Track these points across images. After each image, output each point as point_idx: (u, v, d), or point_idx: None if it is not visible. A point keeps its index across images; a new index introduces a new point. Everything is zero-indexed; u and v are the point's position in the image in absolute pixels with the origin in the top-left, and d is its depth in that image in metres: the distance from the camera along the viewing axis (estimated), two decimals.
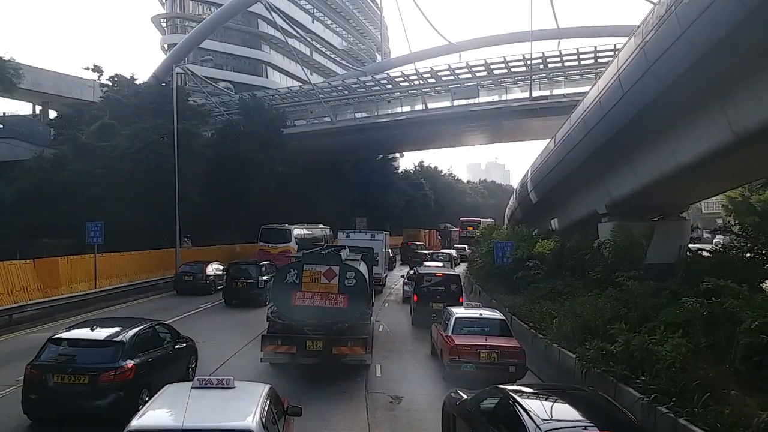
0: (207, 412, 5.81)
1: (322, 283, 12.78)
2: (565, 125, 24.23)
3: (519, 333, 16.23)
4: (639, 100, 16.01)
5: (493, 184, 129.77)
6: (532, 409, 6.70)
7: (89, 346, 9.67)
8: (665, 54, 13.56)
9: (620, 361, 10.15)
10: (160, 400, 6.27)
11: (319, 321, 12.71)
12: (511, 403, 7.00)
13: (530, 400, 7.10)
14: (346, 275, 12.86)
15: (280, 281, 13.22)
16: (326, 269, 12.89)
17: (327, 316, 12.69)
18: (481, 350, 12.17)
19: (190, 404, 5.76)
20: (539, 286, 18.76)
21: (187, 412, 5.51)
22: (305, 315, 12.73)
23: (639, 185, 20.18)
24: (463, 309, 14.78)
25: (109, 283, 25.82)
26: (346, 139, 46.33)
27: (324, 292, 12.76)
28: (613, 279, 15.52)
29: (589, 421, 6.47)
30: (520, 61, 41.34)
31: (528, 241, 23.75)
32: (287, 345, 12.84)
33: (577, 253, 20.07)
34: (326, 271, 12.85)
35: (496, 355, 12.18)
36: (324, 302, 12.73)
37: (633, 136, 18.26)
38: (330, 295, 12.76)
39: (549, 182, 28.33)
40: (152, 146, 31.49)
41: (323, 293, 12.76)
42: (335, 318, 12.73)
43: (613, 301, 14.14)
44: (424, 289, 20.26)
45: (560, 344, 13.01)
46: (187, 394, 6.03)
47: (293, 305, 12.79)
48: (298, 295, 12.77)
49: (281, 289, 13.06)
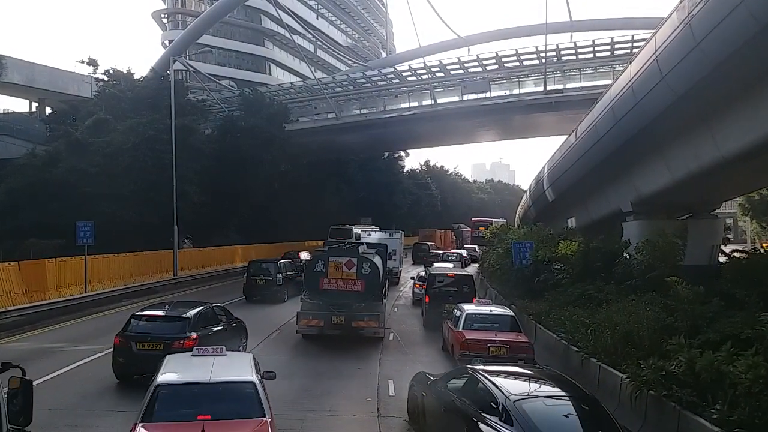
0: (218, 371, 7.39)
1: (343, 271, 16.15)
2: (588, 116, 22.60)
3: (547, 344, 14.63)
4: (680, 84, 14.36)
5: (500, 184, 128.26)
6: (500, 384, 7.60)
7: (163, 321, 12.27)
8: (719, 27, 11.91)
9: (684, 384, 8.51)
10: (171, 365, 7.74)
11: (341, 301, 16.01)
12: (481, 380, 7.93)
13: (498, 378, 7.92)
14: (363, 265, 16.25)
15: (310, 270, 16.87)
16: (347, 260, 16.34)
17: (348, 297, 16.00)
18: (491, 345, 12.44)
19: (202, 366, 7.49)
20: (566, 290, 17.10)
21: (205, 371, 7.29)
22: (330, 296, 16.09)
23: (672, 180, 18.54)
24: (474, 305, 15.03)
25: (102, 286, 24.30)
26: (351, 136, 44.81)
27: (345, 279, 16.13)
28: (654, 283, 13.90)
29: (552, 392, 7.61)
30: (532, 53, 39.76)
31: (549, 241, 22.10)
32: (317, 320, 16.14)
33: (604, 255, 18.42)
34: (347, 262, 16.28)
35: (506, 349, 12.49)
36: (345, 286, 16.11)
37: (669, 125, 16.62)
38: (350, 281, 16.13)
39: (568, 178, 26.71)
40: (149, 142, 30.06)
41: (345, 279, 16.14)
42: (354, 299, 16.02)
43: (656, 308, 12.52)
44: (436, 290, 19.76)
45: (601, 360, 11.35)
46: (191, 361, 7.80)
47: (321, 289, 16.21)
48: (324, 281, 16.19)
49: (311, 276, 16.60)
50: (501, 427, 6.82)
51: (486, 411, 7.21)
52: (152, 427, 6.46)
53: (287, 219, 44.71)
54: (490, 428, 6.94)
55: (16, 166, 30.68)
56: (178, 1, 70.03)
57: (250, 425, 6.60)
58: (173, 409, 6.74)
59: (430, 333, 18.07)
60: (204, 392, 7.02)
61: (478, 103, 40.31)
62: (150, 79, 37.65)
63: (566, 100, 36.38)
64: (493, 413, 7.07)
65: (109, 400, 11.03)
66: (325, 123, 45.67)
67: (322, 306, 16.17)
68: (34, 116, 45.77)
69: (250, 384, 7.11)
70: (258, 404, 6.86)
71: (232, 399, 7.01)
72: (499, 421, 6.90)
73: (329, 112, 45.84)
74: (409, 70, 44.66)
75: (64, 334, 17.58)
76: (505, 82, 41.69)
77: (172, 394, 7.03)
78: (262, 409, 6.82)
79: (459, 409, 7.86)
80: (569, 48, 39.16)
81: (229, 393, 7.10)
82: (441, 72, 43.44)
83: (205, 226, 37.01)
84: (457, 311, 14.51)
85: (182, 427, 6.50)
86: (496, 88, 41.28)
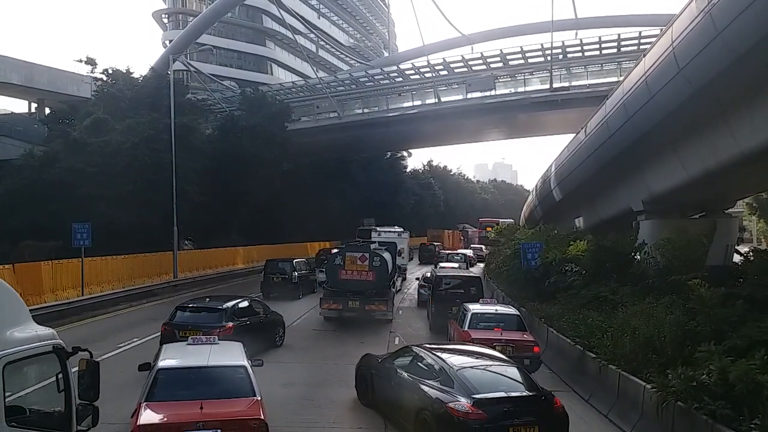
0: (213, 357, 8.16)
1: (358, 264, 19.29)
2: (598, 113, 21.98)
3: (560, 349, 14.02)
4: (699, 76, 13.75)
5: (503, 184, 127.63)
6: (441, 356, 9.27)
7: (203, 312, 13.70)
8: (742, 15, 11.29)
9: (717, 396, 7.88)
10: (170, 352, 8.62)
11: (356, 288, 19.03)
12: (424, 355, 9.58)
13: (437, 353, 9.57)
14: (374, 259, 19.44)
15: (331, 263, 20.13)
16: (361, 255, 19.57)
17: (361, 286, 19.04)
18: (497, 344, 12.35)
19: (199, 353, 8.29)
20: (578, 293, 16.44)
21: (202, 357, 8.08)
22: (347, 284, 19.13)
23: (687, 177, 17.91)
24: (479, 305, 14.99)
25: (101, 289, 23.67)
26: (354, 135, 44.17)
27: (359, 270, 19.22)
28: (673, 284, 13.26)
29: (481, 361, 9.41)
30: (537, 51, 39.15)
31: (559, 242, 21.44)
32: (336, 304, 19.09)
33: (617, 255, 17.76)
34: (360, 256, 19.47)
35: (512, 348, 12.44)
36: (359, 276, 19.18)
37: (685, 120, 16.02)
38: (363, 272, 19.20)
39: (577, 177, 26.08)
40: (148, 141, 29.47)
41: (359, 270, 19.22)
42: (367, 287, 19.06)
43: (677, 311, 11.89)
44: (443, 292, 19.46)
45: (620, 366, 10.72)
46: (187, 349, 8.60)
47: (339, 278, 19.28)
48: (342, 272, 19.28)
49: (331, 268, 19.80)
50: (443, 388, 8.41)
51: (429, 378, 8.87)
52: (155, 406, 7.30)
53: (289, 220, 44.13)
54: (433, 390, 8.51)
55: (14, 167, 30.12)
56: (178, 1, 69.51)
57: (243, 403, 7.47)
58: (174, 390, 7.55)
59: (437, 336, 17.58)
60: (201, 375, 7.86)
61: (483, 101, 39.68)
62: (149, 78, 37.05)
63: (573, 97, 35.73)
64: (435, 379, 8.72)
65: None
66: (327, 122, 45.06)
67: (341, 293, 19.20)
68: (34, 117, 45.21)
69: (242, 368, 7.98)
70: (249, 385, 7.69)
71: (226, 381, 7.84)
72: (441, 385, 8.51)
73: (331, 111, 45.22)
74: (413, 69, 44.02)
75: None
76: (510, 80, 41.05)
77: (173, 377, 7.82)
78: (253, 389, 7.65)
79: (406, 380, 9.38)
80: (575, 45, 38.54)
81: (224, 376, 7.96)
82: (444, 70, 42.82)
83: (205, 227, 36.43)
84: (463, 311, 14.55)
85: (183, 405, 7.30)
86: (501, 86, 40.64)
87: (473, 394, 8.00)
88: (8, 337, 4.79)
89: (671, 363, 10.28)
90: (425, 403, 8.50)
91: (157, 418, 7.10)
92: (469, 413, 7.79)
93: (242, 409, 7.34)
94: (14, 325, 4.98)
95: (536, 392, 8.42)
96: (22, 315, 5.27)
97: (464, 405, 7.89)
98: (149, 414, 7.14)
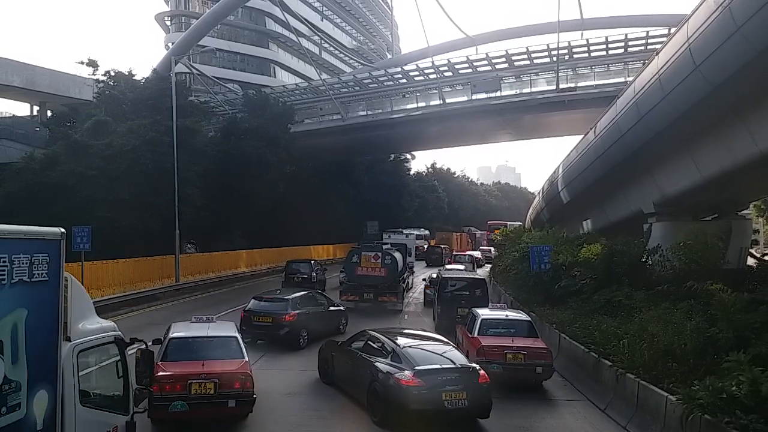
0: (212, 330, 10.50)
1: (372, 261, 22.49)
2: (608, 113, 21.51)
3: (573, 356, 13.52)
4: (716, 74, 13.29)
5: (507, 186, 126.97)
6: (391, 338, 11.09)
7: (273, 302, 16.29)
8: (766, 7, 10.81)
9: (749, 409, 7.40)
10: (178, 328, 10.64)
11: (370, 283, 22.18)
12: (377, 338, 11.24)
13: (388, 336, 11.33)
14: (385, 257, 22.64)
15: (348, 260, 23.41)
16: (374, 254, 22.84)
17: (375, 280, 22.24)
18: (508, 351, 12.34)
19: (201, 328, 10.61)
20: (590, 297, 15.94)
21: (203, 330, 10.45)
22: (362, 279, 22.34)
23: (701, 179, 17.44)
24: (489, 310, 14.78)
25: (101, 293, 23.17)
26: (357, 137, 43.71)
27: (373, 267, 22.41)
28: (689, 289, 12.77)
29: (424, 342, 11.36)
30: (543, 51, 38.66)
31: (568, 244, 20.95)
32: (353, 296, 22.25)
33: (629, 258, 17.28)
34: (374, 255, 22.72)
35: (523, 356, 12.33)
36: (373, 272, 22.34)
37: (701, 119, 15.56)
38: (376, 269, 22.38)
39: (585, 179, 25.60)
40: (149, 144, 29.01)
41: (372, 267, 22.40)
42: (379, 281, 22.25)
43: (696, 317, 11.41)
44: (448, 294, 19.71)
45: (639, 376, 10.23)
46: (191, 325, 10.81)
47: (356, 274, 22.53)
48: (358, 269, 22.51)
49: (349, 265, 23.08)
50: (393, 362, 10.14)
51: (381, 356, 10.58)
52: (168, 364, 9.39)
53: (292, 223, 43.66)
54: (385, 365, 10.19)
55: (14, 170, 29.72)
56: (181, 4, 69.26)
57: (235, 363, 9.68)
58: (182, 353, 9.70)
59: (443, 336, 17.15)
60: (203, 343, 9.95)
61: (488, 102, 39.20)
62: (151, 80, 36.64)
63: (580, 98, 35.23)
64: (386, 357, 10.46)
65: None
66: (330, 124, 44.62)
67: (357, 286, 22.35)
68: (36, 120, 44.94)
69: (234, 338, 10.38)
70: (239, 351, 10.06)
71: (221, 347, 9.99)
72: (390, 360, 10.26)
73: (335, 113, 44.78)
74: (417, 70, 43.59)
75: None
76: (515, 81, 40.56)
77: (181, 344, 9.91)
78: (242, 353, 10.00)
79: (362, 358, 10.98)
80: (582, 45, 38.06)
81: (220, 343, 10.13)
82: (449, 71, 42.37)
83: (208, 231, 35.99)
84: (472, 316, 14.33)
85: (189, 363, 9.43)
86: (507, 87, 40.14)
87: (415, 367, 9.75)
88: (81, 329, 5.43)
89: (693, 372, 9.83)
90: (377, 375, 10.17)
91: (171, 371, 9.17)
92: (410, 382, 9.55)
93: (234, 368, 9.50)
94: (85, 318, 5.65)
95: (465, 365, 10.18)
96: (90, 308, 6.03)
97: (407, 375, 9.64)
98: (164, 369, 9.20)
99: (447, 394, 9.49)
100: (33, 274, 4.55)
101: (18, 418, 4.33)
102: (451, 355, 10.51)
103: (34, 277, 4.56)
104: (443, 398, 9.46)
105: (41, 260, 4.63)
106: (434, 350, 10.72)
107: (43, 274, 4.67)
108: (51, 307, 4.80)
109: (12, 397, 4.29)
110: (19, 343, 4.37)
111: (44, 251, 4.69)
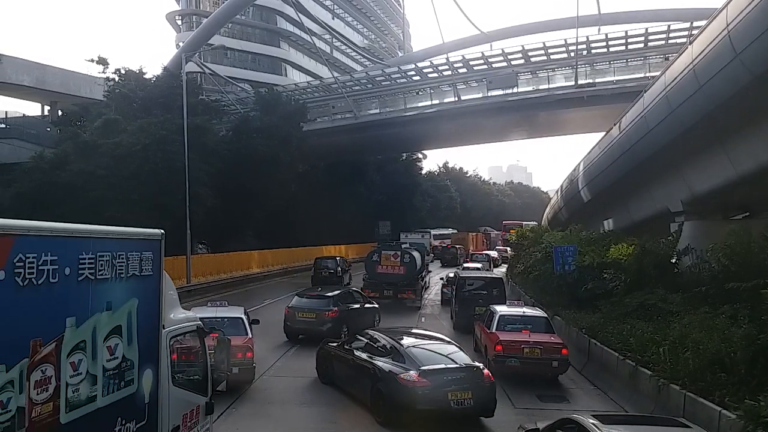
0: (221, 312, 12.65)
1: (391, 260, 23.42)
2: (635, 107, 20.61)
3: (605, 364, 12.73)
4: (759, 61, 12.38)
5: (520, 186, 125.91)
6: (393, 337, 11.13)
7: (315, 299, 17.10)
8: None
9: None
10: (197, 310, 11.26)
11: (390, 280, 23.05)
12: (377, 337, 11.33)
13: (389, 335, 11.41)
14: (404, 256, 23.68)
15: (369, 259, 24.40)
16: (393, 253, 23.97)
17: (394, 278, 23.13)
18: (525, 346, 12.68)
19: (214, 310, 12.70)
20: (621, 300, 15.09)
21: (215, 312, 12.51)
22: (383, 277, 23.21)
23: (735, 175, 16.41)
24: (506, 307, 15.14)
25: None
26: (370, 135, 43.06)
27: (392, 265, 23.32)
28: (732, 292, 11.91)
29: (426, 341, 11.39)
30: (561, 47, 37.80)
31: (596, 244, 20.08)
32: (374, 292, 22.27)
33: (660, 259, 16.41)
34: (393, 254, 23.80)
35: (540, 350, 12.66)
36: (393, 270, 23.26)
37: (738, 111, 14.60)
38: (396, 267, 23.30)
39: (608, 176, 24.67)
40: (160, 143, 28.54)
41: (392, 265, 23.31)
42: (399, 279, 23.14)
43: (744, 323, 10.55)
44: (465, 293, 20.20)
45: (685, 387, 9.42)
46: (206, 309, 12.91)
47: (376, 272, 23.47)
48: (378, 267, 23.49)
49: (370, 264, 23.97)
50: (395, 363, 10.08)
51: (382, 356, 10.52)
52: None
53: (304, 222, 43.07)
54: (387, 365, 10.13)
55: (24, 170, 29.42)
56: (192, 3, 68.96)
57: (240, 339, 11.33)
58: None
59: (461, 336, 16.89)
60: (213, 322, 10.26)
61: (505, 99, 38.41)
62: (162, 78, 36.19)
63: (599, 94, 34.33)
64: (388, 356, 10.41)
65: None
66: (342, 123, 44.01)
67: (378, 284, 23.13)
68: (46, 119, 44.72)
69: (240, 319, 12.39)
70: (244, 328, 12.12)
71: (229, 326, 11.26)
72: (392, 360, 10.20)
73: (347, 111, 44.17)
74: (431, 66, 42.83)
75: None
76: (532, 78, 39.69)
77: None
78: (247, 331, 12.07)
79: (362, 358, 10.97)
80: (600, 40, 37.16)
81: (228, 322, 11.61)
82: (464, 68, 41.57)
83: (219, 231, 35.47)
84: (490, 313, 14.63)
85: None
86: (524, 84, 39.31)
87: (420, 367, 9.70)
88: (172, 318, 6.02)
89: (744, 384, 9.03)
90: (379, 375, 10.10)
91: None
92: (416, 382, 9.48)
93: (239, 343, 10.95)
94: (174, 308, 6.26)
95: (470, 364, 10.11)
96: (175, 300, 6.51)
97: (412, 375, 9.57)
98: None
99: (453, 393, 9.49)
100: (142, 269, 5.23)
101: (132, 391, 5.07)
102: (455, 355, 10.45)
103: (143, 271, 5.25)
104: (449, 398, 9.44)
105: (147, 257, 5.31)
106: (438, 350, 10.73)
107: (149, 269, 5.34)
108: (154, 297, 5.50)
109: (128, 374, 5.01)
110: (132, 327, 5.05)
111: (149, 249, 5.35)
